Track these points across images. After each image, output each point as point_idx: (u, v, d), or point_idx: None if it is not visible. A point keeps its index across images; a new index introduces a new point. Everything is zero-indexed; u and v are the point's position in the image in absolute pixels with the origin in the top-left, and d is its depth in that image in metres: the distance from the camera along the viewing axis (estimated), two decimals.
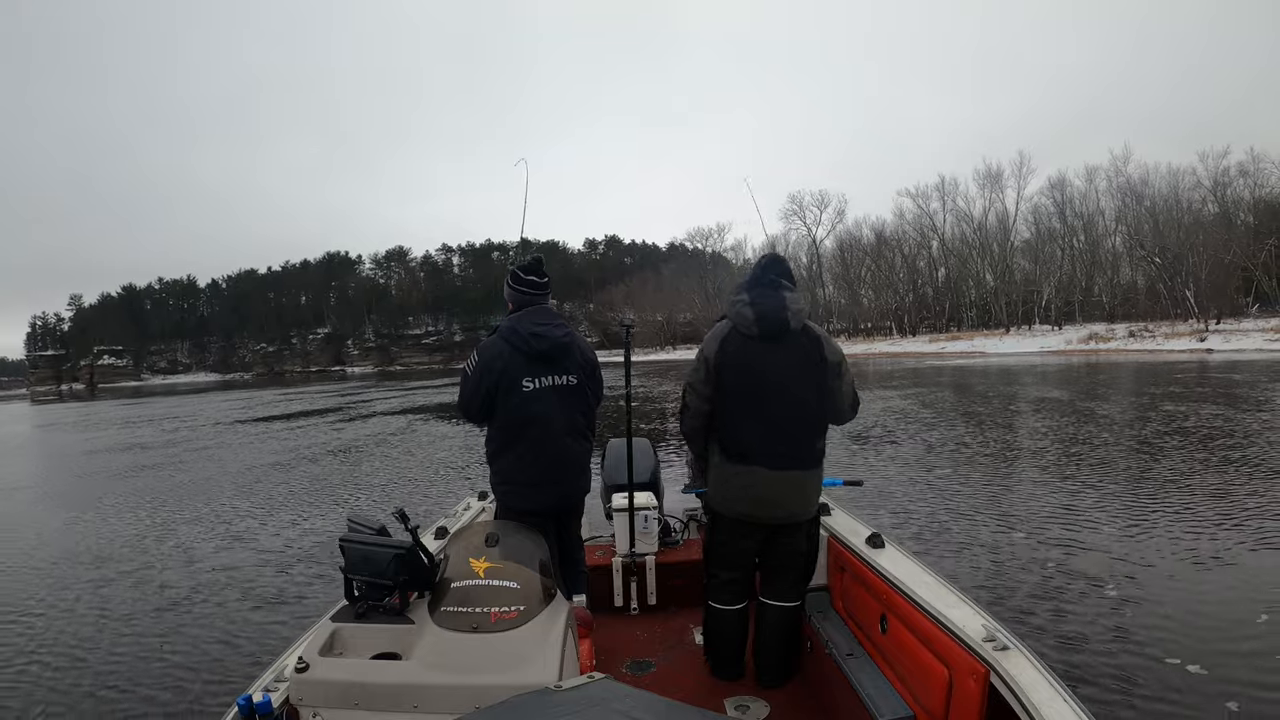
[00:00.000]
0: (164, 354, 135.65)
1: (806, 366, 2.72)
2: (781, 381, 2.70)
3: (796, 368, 2.72)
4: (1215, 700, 3.50)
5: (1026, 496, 7.72)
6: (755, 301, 2.72)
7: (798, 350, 2.72)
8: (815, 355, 2.74)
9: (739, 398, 2.72)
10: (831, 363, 2.75)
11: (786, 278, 2.81)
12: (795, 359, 2.72)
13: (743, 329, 2.72)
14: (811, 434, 2.76)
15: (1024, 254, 64.48)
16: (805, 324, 2.76)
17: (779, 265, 2.83)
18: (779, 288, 2.76)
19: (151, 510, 9.79)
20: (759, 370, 2.70)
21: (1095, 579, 5.13)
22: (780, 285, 2.77)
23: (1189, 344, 36.52)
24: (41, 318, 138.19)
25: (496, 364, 2.83)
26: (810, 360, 2.73)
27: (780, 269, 2.82)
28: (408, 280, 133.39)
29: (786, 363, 2.71)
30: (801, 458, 2.73)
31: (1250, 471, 8.28)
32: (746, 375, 2.71)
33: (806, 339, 2.74)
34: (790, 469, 2.71)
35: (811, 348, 2.74)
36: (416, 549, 2.02)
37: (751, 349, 2.71)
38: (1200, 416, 12.82)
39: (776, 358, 2.70)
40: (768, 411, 2.70)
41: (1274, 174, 51.31)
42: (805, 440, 2.74)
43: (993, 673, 1.76)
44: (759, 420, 2.70)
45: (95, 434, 24.45)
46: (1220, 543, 5.79)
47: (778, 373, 2.70)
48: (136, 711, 4.03)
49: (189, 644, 4.88)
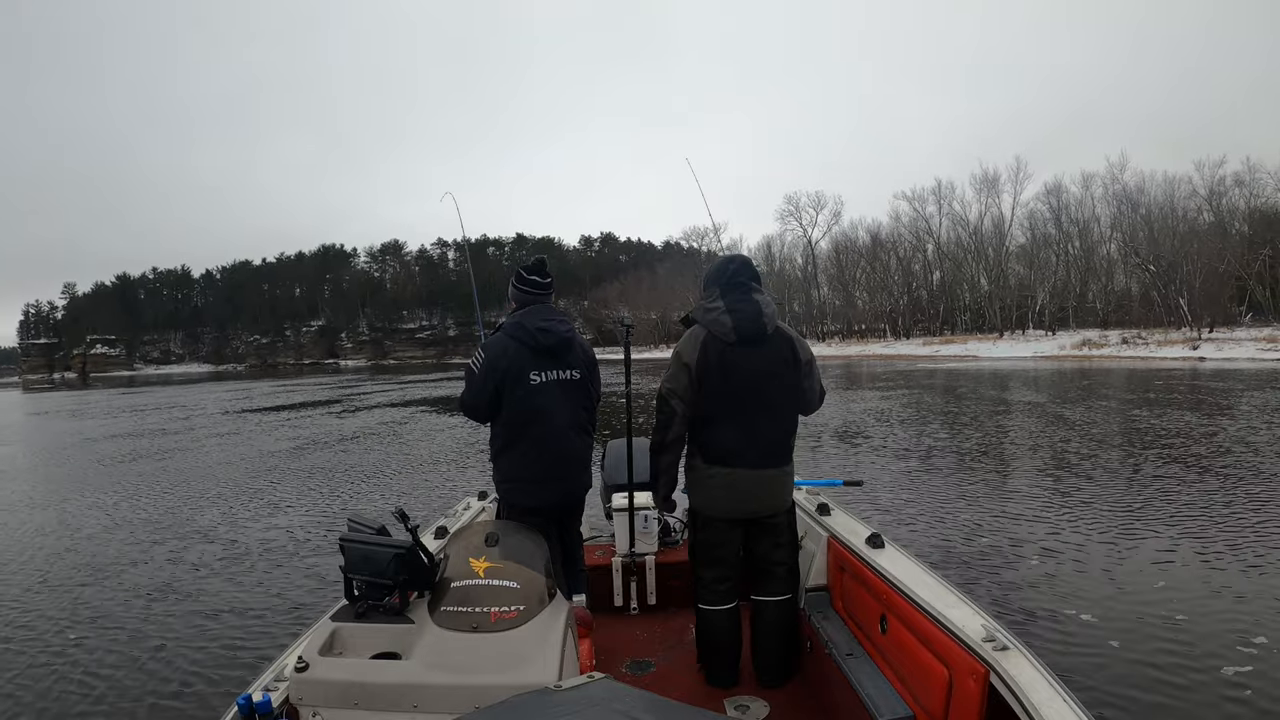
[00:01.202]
0: (157, 344, 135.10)
1: (781, 368, 2.80)
2: (759, 384, 2.77)
3: (772, 370, 2.79)
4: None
5: (977, 485, 8.56)
6: (732, 309, 2.76)
7: (773, 353, 2.79)
8: (789, 357, 2.81)
9: (719, 401, 2.77)
10: (804, 362, 2.85)
11: (755, 279, 2.86)
12: (771, 362, 2.79)
13: (721, 336, 2.75)
14: (786, 432, 2.87)
15: (1019, 259, 64.63)
16: (779, 326, 2.82)
17: (747, 269, 2.89)
18: (751, 291, 2.81)
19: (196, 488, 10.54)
20: (738, 375, 2.75)
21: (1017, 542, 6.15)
22: (751, 289, 2.81)
23: (1182, 352, 36.56)
24: (35, 306, 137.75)
25: (502, 360, 2.85)
26: (785, 362, 2.81)
27: (749, 272, 2.88)
28: (402, 274, 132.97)
29: (763, 366, 2.77)
30: (778, 455, 2.83)
31: (1181, 466, 9.13)
32: (727, 380, 2.75)
33: (781, 340, 2.81)
34: (768, 467, 2.80)
35: (786, 350, 2.81)
36: (416, 548, 2.02)
37: (730, 356, 2.75)
38: (1166, 419, 13.37)
39: (754, 362, 2.76)
40: (746, 414, 2.76)
41: (1269, 184, 51.63)
42: (781, 438, 2.84)
43: (992, 673, 1.77)
44: (738, 423, 2.76)
45: (107, 422, 24.56)
46: (1119, 519, 6.73)
47: (756, 376, 2.76)
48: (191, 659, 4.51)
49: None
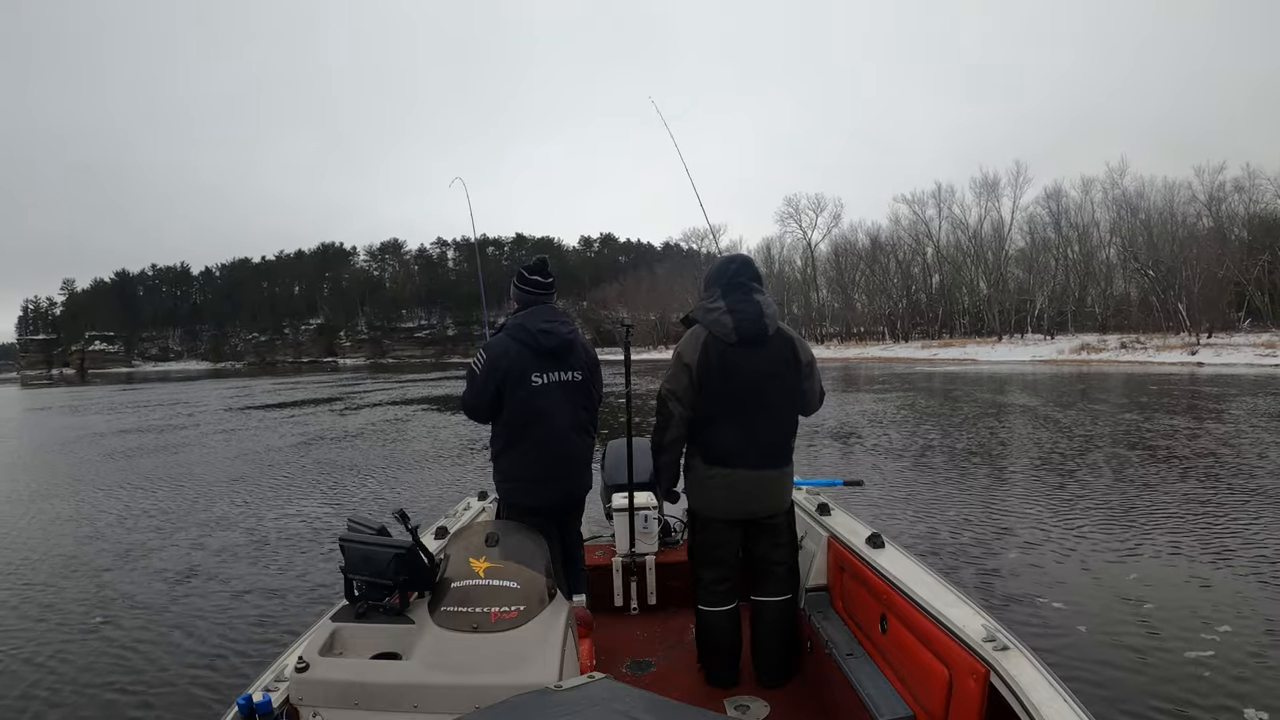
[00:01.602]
0: (156, 341, 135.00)
1: (782, 369, 2.79)
2: (760, 385, 2.76)
3: (773, 371, 2.78)
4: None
5: (967, 482, 8.97)
6: (733, 309, 2.76)
7: (774, 354, 2.78)
8: (790, 358, 2.80)
9: (719, 402, 2.76)
10: (804, 363, 2.84)
11: (757, 280, 2.85)
12: (772, 363, 2.77)
13: (723, 337, 2.74)
14: (786, 433, 2.86)
15: (1018, 263, 64.67)
16: (779, 326, 2.81)
17: (749, 269, 2.88)
18: (752, 292, 2.80)
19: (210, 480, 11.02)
20: (739, 375, 2.74)
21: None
22: (753, 289, 2.81)
23: (1180, 357, 36.56)
24: (34, 302, 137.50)
25: (504, 361, 2.85)
26: (786, 363, 2.80)
27: (751, 272, 2.87)
28: (402, 273, 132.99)
29: (764, 366, 2.76)
30: (778, 456, 2.83)
31: (1165, 466, 9.48)
32: (727, 381, 2.74)
33: (781, 341, 2.80)
34: (768, 468, 2.80)
35: (786, 351, 2.80)
36: (416, 549, 2.02)
37: (731, 355, 2.74)
38: (1152, 423, 13.63)
39: (755, 363, 2.75)
40: (747, 414, 2.75)
41: (1269, 190, 51.67)
42: (781, 439, 2.84)
43: (993, 673, 1.77)
44: (738, 423, 2.75)
45: (111, 417, 24.89)
46: (1103, 515, 7.09)
47: (756, 377, 2.75)
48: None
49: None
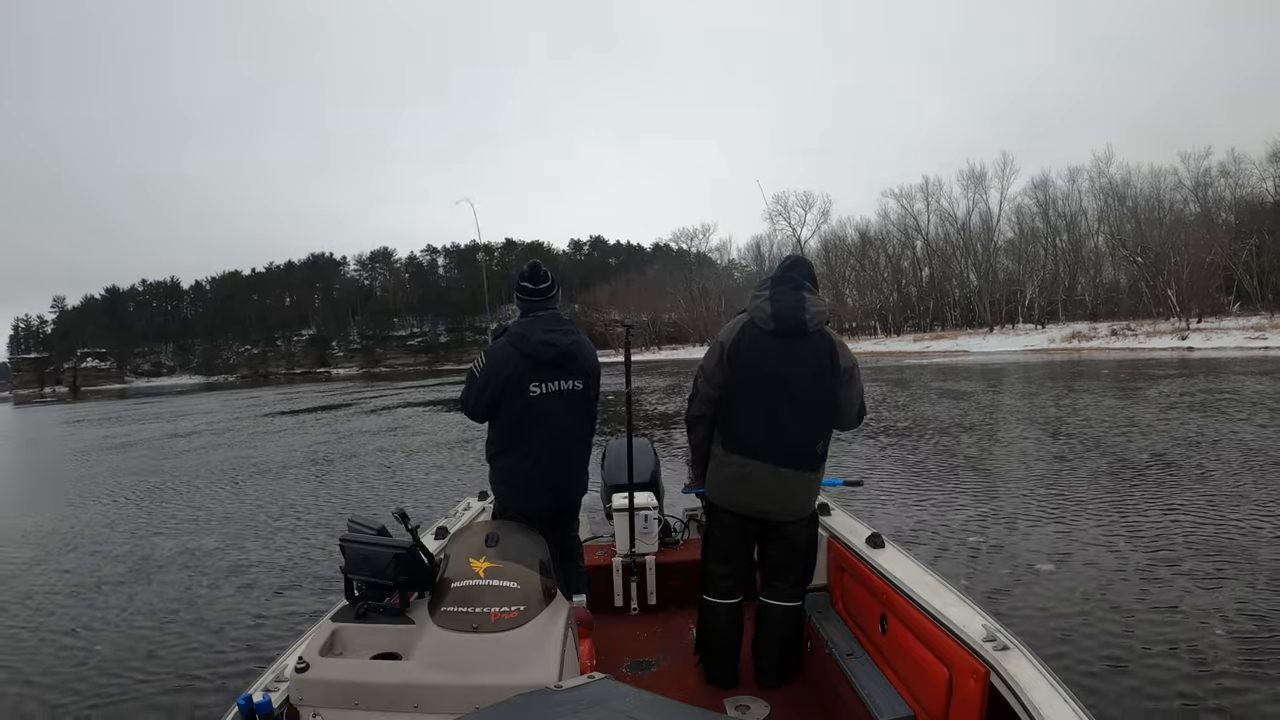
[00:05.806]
0: (148, 356, 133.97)
1: (817, 368, 2.74)
2: (790, 380, 2.72)
3: (807, 368, 2.73)
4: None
5: (958, 475, 9.32)
6: (775, 298, 2.75)
7: (811, 352, 2.74)
8: (827, 360, 2.75)
9: (745, 388, 2.75)
10: (843, 368, 2.76)
11: (809, 279, 2.83)
12: (807, 359, 2.73)
13: (760, 323, 2.74)
14: (814, 436, 2.77)
15: (1007, 254, 64.97)
16: (823, 328, 2.77)
17: (802, 266, 2.87)
18: (800, 288, 2.78)
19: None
20: (769, 365, 2.73)
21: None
22: (802, 286, 2.79)
23: (1170, 342, 36.86)
24: (24, 320, 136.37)
25: (504, 368, 2.84)
26: (821, 363, 2.74)
27: (804, 270, 2.85)
28: (393, 281, 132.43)
29: (798, 362, 2.73)
30: (802, 457, 2.75)
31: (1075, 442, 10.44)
32: (756, 368, 2.73)
33: (821, 341, 2.76)
34: (789, 467, 2.73)
35: (825, 351, 2.75)
36: (416, 549, 2.01)
37: (765, 344, 2.73)
38: (1100, 406, 14.58)
39: (789, 356, 2.72)
40: (772, 407, 2.72)
41: (1254, 174, 52.18)
42: (807, 441, 2.75)
43: (993, 673, 1.77)
44: (762, 415, 2.72)
45: (131, 428, 25.51)
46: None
47: (787, 371, 2.72)
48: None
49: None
